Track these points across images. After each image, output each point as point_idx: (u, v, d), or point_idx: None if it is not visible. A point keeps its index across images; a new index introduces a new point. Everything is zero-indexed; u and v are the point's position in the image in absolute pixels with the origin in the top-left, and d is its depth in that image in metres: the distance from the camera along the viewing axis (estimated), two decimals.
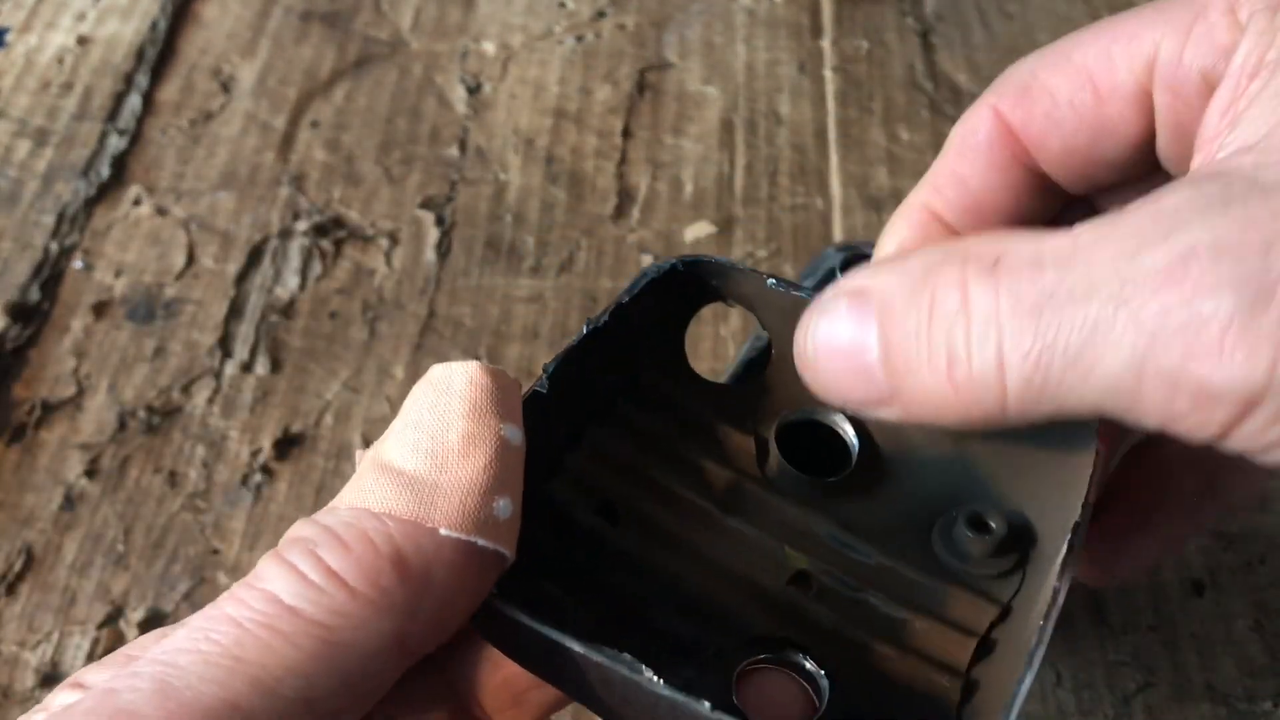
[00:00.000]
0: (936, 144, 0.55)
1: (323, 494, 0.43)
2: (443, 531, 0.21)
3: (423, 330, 0.48)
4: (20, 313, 0.48)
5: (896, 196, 0.53)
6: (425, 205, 0.53)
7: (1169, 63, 0.23)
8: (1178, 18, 0.23)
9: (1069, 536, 0.23)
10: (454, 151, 0.55)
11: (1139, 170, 0.26)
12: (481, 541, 0.21)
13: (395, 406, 0.46)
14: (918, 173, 0.54)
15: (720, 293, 0.29)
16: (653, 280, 0.28)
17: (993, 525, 0.26)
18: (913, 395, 0.22)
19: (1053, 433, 0.24)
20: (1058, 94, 0.25)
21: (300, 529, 0.21)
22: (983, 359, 0.20)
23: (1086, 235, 0.19)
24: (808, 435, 0.29)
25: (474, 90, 0.58)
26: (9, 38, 0.60)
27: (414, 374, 0.47)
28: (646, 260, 0.50)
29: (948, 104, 0.57)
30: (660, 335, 0.29)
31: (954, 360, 0.21)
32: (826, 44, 0.60)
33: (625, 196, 0.53)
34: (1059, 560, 0.23)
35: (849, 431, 0.28)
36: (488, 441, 0.22)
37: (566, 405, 0.26)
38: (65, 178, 0.53)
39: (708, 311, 0.49)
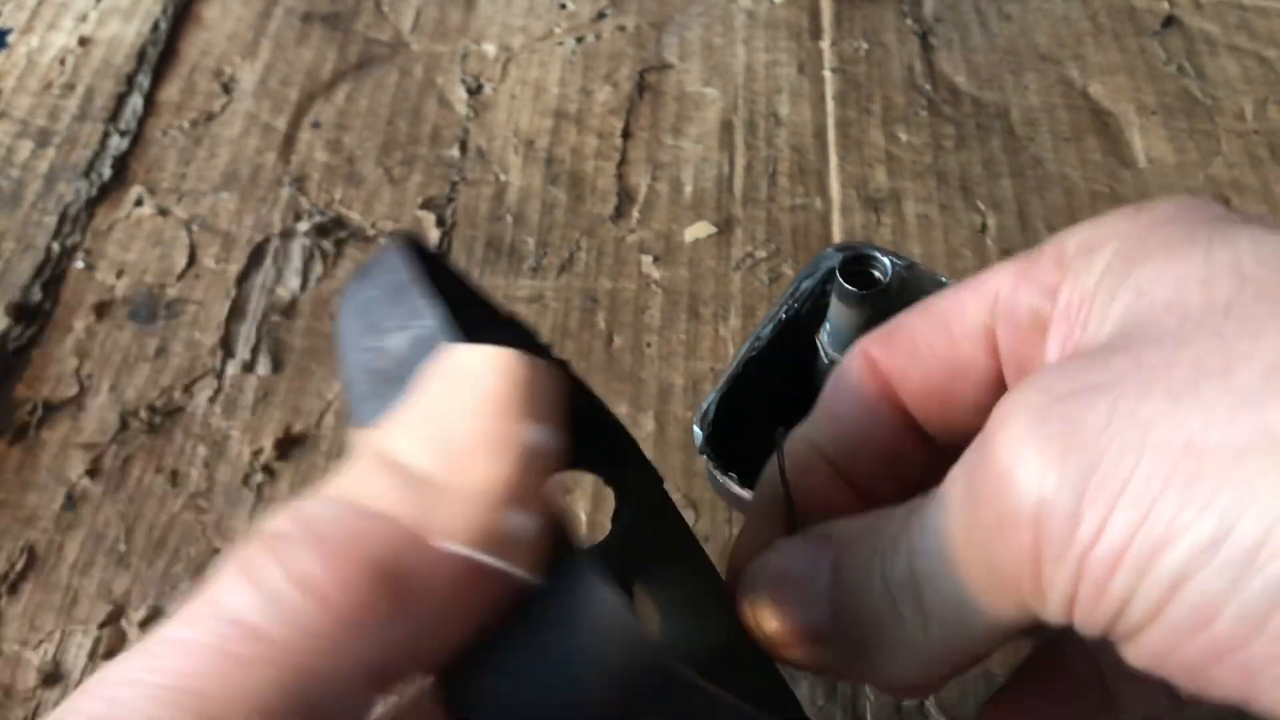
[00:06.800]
0: (935, 144, 0.55)
1: None
2: (443, 544, 0.18)
3: None
4: (22, 313, 0.48)
5: (895, 197, 0.53)
6: (426, 206, 0.53)
7: (1006, 301, 0.24)
8: (1016, 265, 0.25)
9: None
10: (454, 152, 0.55)
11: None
12: (488, 559, 0.18)
13: None
14: (916, 173, 0.54)
15: None
16: None
17: None
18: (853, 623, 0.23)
19: None
20: (917, 334, 0.26)
21: (279, 522, 0.18)
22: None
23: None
24: None
25: (474, 91, 0.58)
26: (11, 39, 0.60)
27: None
28: (646, 261, 0.51)
29: (946, 105, 0.57)
30: None
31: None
32: (826, 45, 0.60)
33: (625, 197, 0.53)
34: None
35: None
36: (510, 444, 0.18)
37: None
38: (67, 178, 0.53)
39: (707, 311, 0.49)
